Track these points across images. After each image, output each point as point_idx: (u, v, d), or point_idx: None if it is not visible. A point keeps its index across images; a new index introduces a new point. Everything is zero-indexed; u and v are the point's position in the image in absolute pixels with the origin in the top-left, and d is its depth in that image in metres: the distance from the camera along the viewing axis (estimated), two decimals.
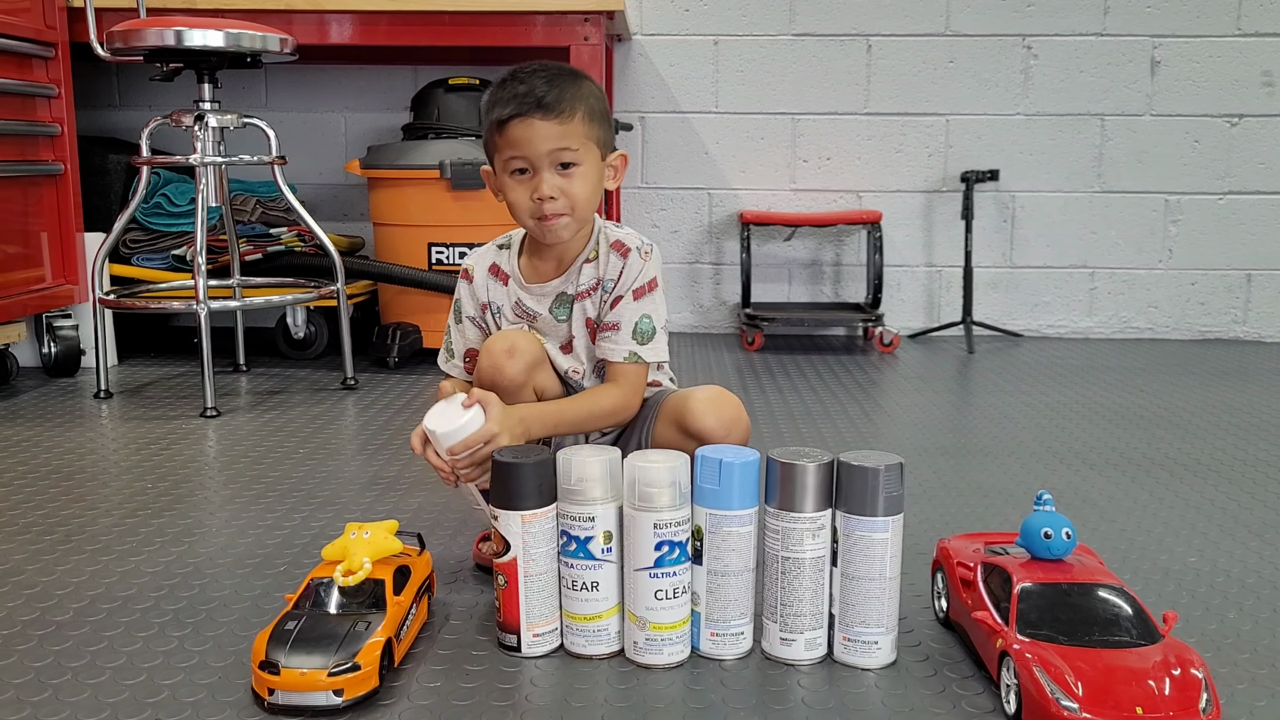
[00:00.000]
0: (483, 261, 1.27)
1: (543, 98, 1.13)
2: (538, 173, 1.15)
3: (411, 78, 2.87)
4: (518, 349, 1.18)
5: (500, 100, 1.15)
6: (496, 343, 1.20)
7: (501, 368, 1.17)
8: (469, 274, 1.27)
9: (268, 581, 1.21)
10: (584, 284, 1.23)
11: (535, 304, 1.24)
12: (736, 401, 1.21)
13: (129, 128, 2.85)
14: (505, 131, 1.15)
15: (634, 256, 1.21)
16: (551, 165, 1.15)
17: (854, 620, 0.99)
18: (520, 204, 1.17)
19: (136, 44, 2.02)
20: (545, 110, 1.14)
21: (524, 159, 1.15)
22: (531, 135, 1.14)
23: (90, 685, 0.97)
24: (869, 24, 2.82)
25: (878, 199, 2.90)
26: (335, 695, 0.90)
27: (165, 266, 2.47)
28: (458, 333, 1.28)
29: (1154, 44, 2.80)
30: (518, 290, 1.25)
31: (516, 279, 1.25)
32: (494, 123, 1.16)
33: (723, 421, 1.18)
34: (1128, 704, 0.83)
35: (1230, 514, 1.45)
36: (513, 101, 1.14)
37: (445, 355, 1.30)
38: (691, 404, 1.20)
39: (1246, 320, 2.93)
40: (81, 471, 1.63)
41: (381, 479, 1.60)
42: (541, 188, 1.15)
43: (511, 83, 1.16)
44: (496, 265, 1.26)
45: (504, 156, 1.16)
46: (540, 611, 1.02)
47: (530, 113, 1.13)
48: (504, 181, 1.18)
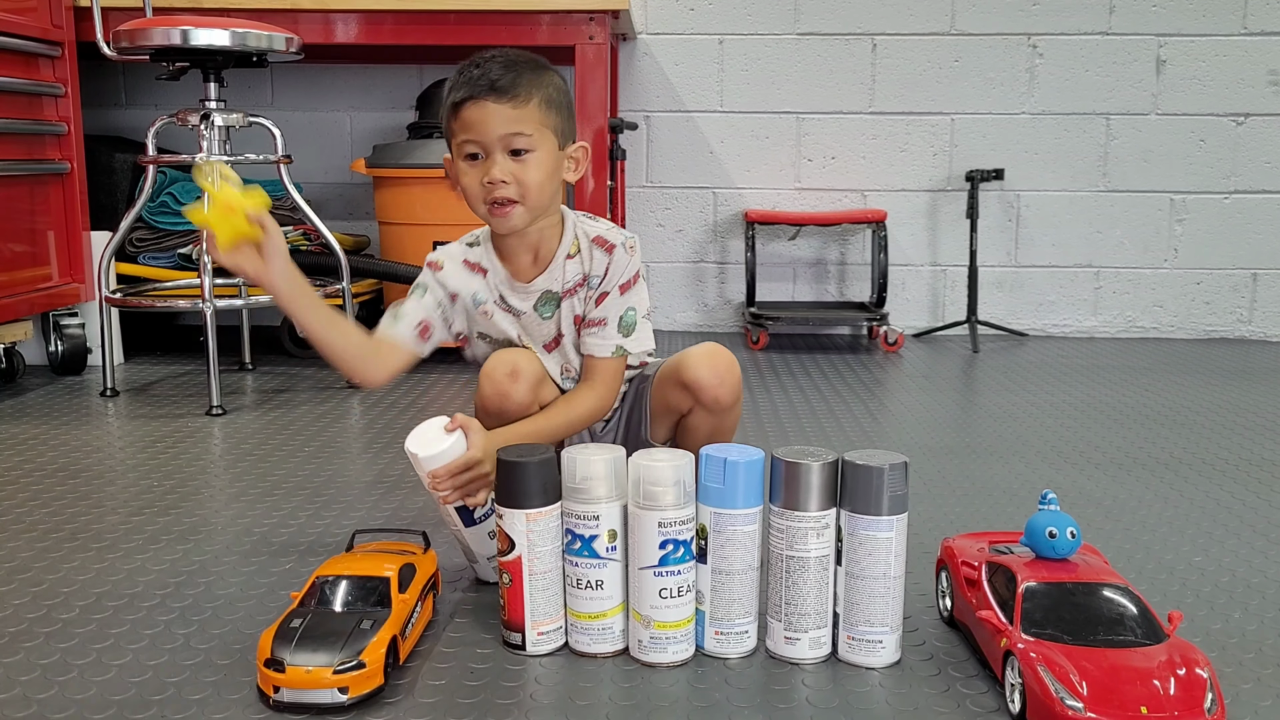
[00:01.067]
0: (453, 256, 1.25)
1: (496, 81, 1.13)
2: (490, 156, 1.14)
3: (417, 77, 2.87)
4: (520, 370, 1.17)
5: (456, 84, 1.15)
6: (497, 367, 1.17)
7: (508, 393, 1.16)
8: (437, 264, 1.25)
9: (273, 579, 1.21)
10: (570, 280, 1.22)
11: (519, 302, 1.23)
12: (730, 355, 1.24)
13: (135, 127, 2.86)
14: (459, 114, 1.14)
15: (619, 252, 1.22)
16: (503, 150, 1.14)
17: (858, 619, 0.99)
18: (472, 189, 1.16)
19: (143, 43, 2.02)
20: (498, 93, 1.13)
21: (476, 143, 1.14)
22: (484, 117, 1.13)
23: (96, 683, 0.97)
24: (874, 23, 2.82)
25: (882, 198, 2.90)
26: (340, 693, 0.91)
27: (171, 265, 2.47)
28: (415, 301, 1.23)
29: (1160, 43, 2.80)
30: (500, 286, 1.23)
31: (499, 275, 1.23)
32: (449, 106, 1.15)
33: (716, 371, 1.21)
34: (1132, 703, 0.83)
35: (1235, 513, 1.45)
36: (467, 85, 1.14)
37: (389, 320, 1.22)
38: (687, 358, 1.24)
39: (1252, 320, 2.92)
40: (88, 469, 1.64)
41: (386, 478, 1.60)
42: (492, 171, 1.14)
43: (469, 67, 1.15)
44: (469, 260, 1.25)
45: (458, 140, 1.15)
46: (545, 610, 1.02)
47: (483, 95, 1.13)
48: (458, 167, 1.17)
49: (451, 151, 1.19)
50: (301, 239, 2.52)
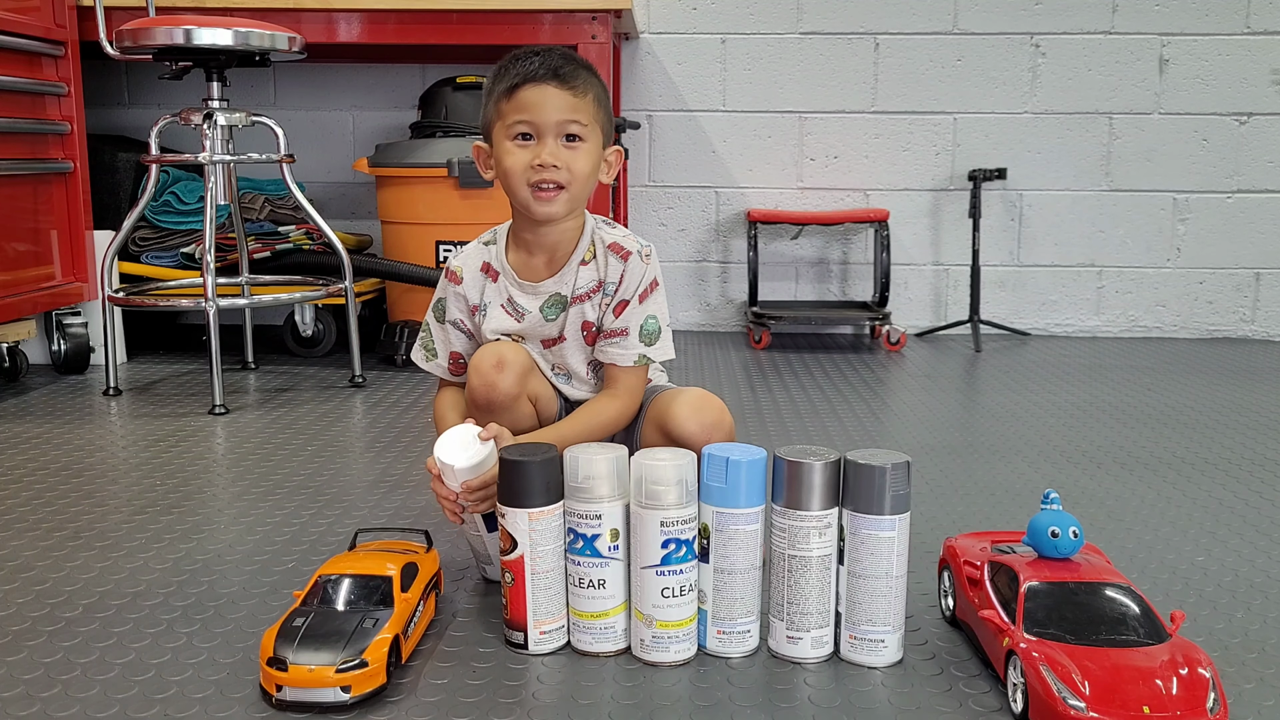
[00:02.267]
0: (472, 261, 1.24)
1: (559, 68, 1.14)
2: (541, 140, 1.14)
3: (419, 76, 2.87)
4: (506, 360, 1.17)
5: (512, 70, 1.15)
6: (484, 359, 1.17)
7: (494, 384, 1.16)
8: (456, 275, 1.24)
9: (275, 578, 1.21)
10: (582, 286, 1.21)
11: (526, 301, 1.22)
12: (719, 404, 1.18)
13: (138, 126, 2.86)
14: (515, 95, 1.14)
15: (635, 260, 1.20)
16: (558, 135, 1.15)
17: (860, 619, 0.99)
18: (517, 170, 1.15)
19: (146, 42, 2.02)
20: (560, 80, 1.14)
21: (531, 124, 1.14)
22: (544, 100, 1.13)
23: (99, 681, 0.97)
24: (876, 22, 2.82)
25: (885, 197, 2.90)
26: (343, 691, 0.91)
27: (174, 264, 2.48)
28: (440, 332, 1.26)
29: (1163, 42, 2.79)
30: (509, 287, 1.23)
31: (508, 275, 1.23)
32: (503, 90, 1.15)
33: (703, 426, 1.16)
34: (1135, 703, 0.83)
35: (1238, 513, 1.44)
36: (527, 68, 1.14)
37: (423, 354, 1.27)
38: (674, 408, 1.17)
39: (1255, 319, 2.92)
40: (91, 468, 1.64)
41: (389, 477, 1.60)
42: (543, 154, 1.14)
43: (525, 56, 1.15)
44: (487, 263, 1.24)
45: (508, 121, 1.15)
46: (547, 609, 1.02)
47: (546, 79, 1.14)
48: (503, 147, 1.16)
49: (491, 136, 1.18)
50: (304, 238, 2.52)
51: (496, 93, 1.16)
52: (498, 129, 1.17)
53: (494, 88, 1.17)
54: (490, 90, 1.18)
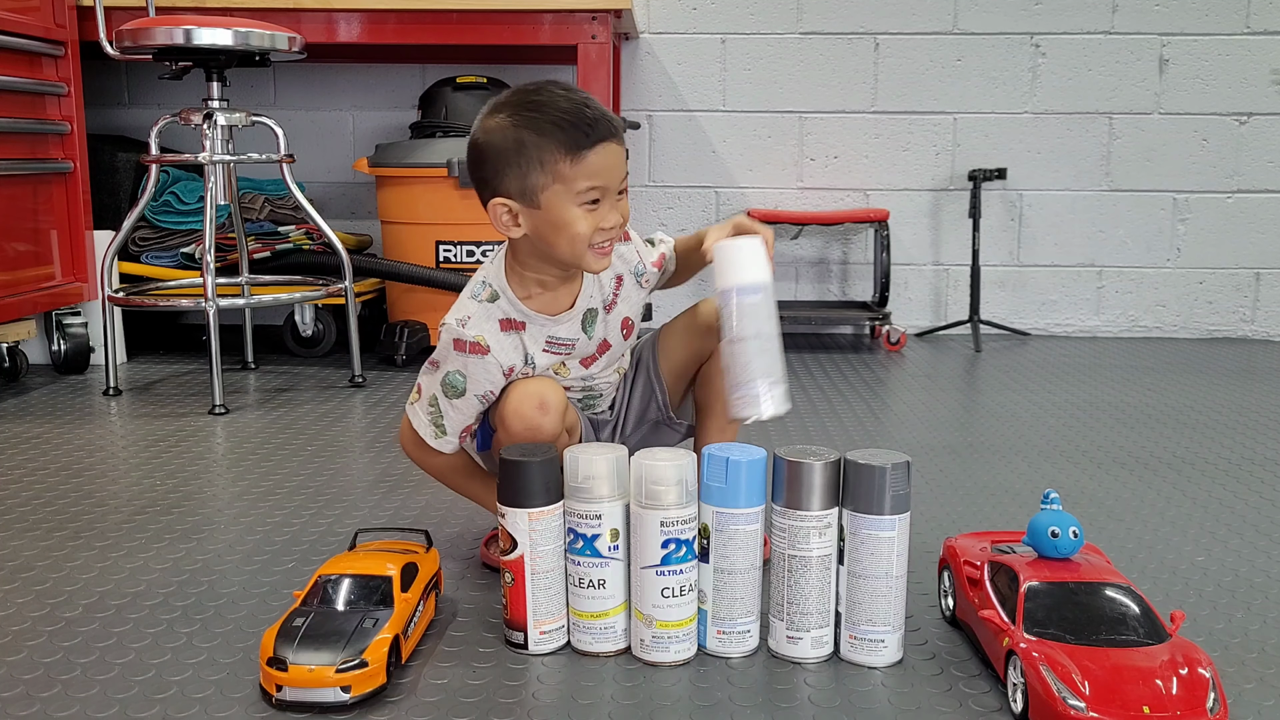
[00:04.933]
0: (489, 325, 1.13)
1: (613, 121, 1.07)
2: (606, 201, 1.09)
3: (419, 76, 2.87)
4: (549, 402, 1.11)
5: (565, 127, 1.06)
6: (524, 402, 1.10)
7: (540, 426, 1.10)
8: (481, 346, 1.12)
9: (275, 578, 1.21)
10: (608, 290, 1.20)
11: (566, 332, 1.18)
12: None
13: (138, 126, 2.86)
14: (585, 159, 1.06)
15: (633, 235, 1.22)
16: (617, 192, 1.10)
17: (860, 619, 0.99)
18: (583, 236, 1.08)
19: (145, 42, 2.02)
20: (617, 136, 1.08)
21: (601, 189, 1.08)
22: (612, 161, 1.07)
23: (99, 681, 0.97)
24: (876, 22, 2.82)
25: (885, 197, 2.90)
26: (343, 691, 0.91)
27: (174, 264, 2.48)
28: (453, 409, 1.15)
29: (1163, 42, 2.79)
30: (544, 330, 1.16)
31: (537, 320, 1.16)
32: (565, 153, 1.06)
33: None
34: (1135, 703, 0.83)
35: (1238, 513, 1.44)
36: (592, 128, 1.06)
37: (433, 431, 1.16)
38: (699, 305, 1.23)
39: (1255, 319, 2.92)
40: (90, 468, 1.64)
41: (389, 476, 1.60)
42: (611, 216, 1.09)
43: (564, 105, 1.07)
44: (507, 319, 1.15)
45: (578, 188, 1.07)
46: (547, 609, 1.02)
47: (610, 138, 1.07)
48: (568, 214, 1.08)
49: (538, 196, 1.08)
50: (304, 238, 2.52)
51: (547, 152, 1.06)
52: (555, 193, 1.07)
53: (533, 145, 1.06)
54: (523, 149, 1.07)
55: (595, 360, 1.22)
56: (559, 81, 1.12)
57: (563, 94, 1.08)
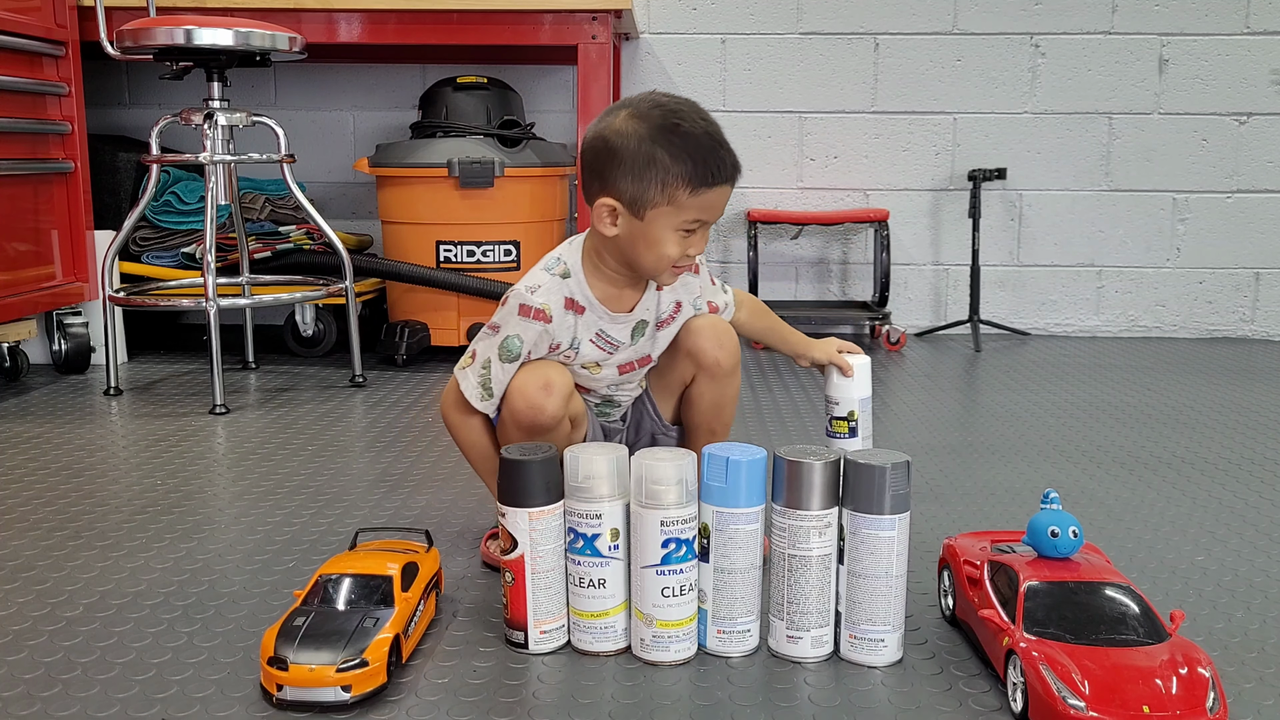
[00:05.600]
0: (555, 297, 1.17)
1: (738, 165, 1.14)
2: (699, 231, 1.15)
3: (420, 76, 2.88)
4: (553, 384, 1.14)
5: (699, 161, 1.10)
6: (529, 382, 1.14)
7: (542, 407, 1.12)
8: (545, 314, 1.15)
9: (276, 577, 1.21)
10: (665, 310, 1.25)
11: (617, 332, 1.22)
12: (727, 324, 1.28)
13: (139, 126, 2.86)
14: (702, 195, 1.11)
15: (703, 271, 1.29)
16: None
17: (860, 618, 1.00)
18: (670, 258, 1.14)
19: (146, 43, 2.02)
20: (735, 180, 1.15)
21: (704, 222, 1.14)
22: (724, 200, 1.14)
23: (100, 681, 0.97)
24: (876, 22, 2.82)
25: (885, 197, 2.90)
26: (343, 691, 0.91)
27: (175, 264, 2.48)
28: (501, 373, 1.16)
29: (1162, 42, 2.80)
30: (599, 321, 1.20)
31: (597, 309, 1.19)
32: (688, 184, 1.10)
33: (716, 336, 1.25)
34: (1134, 703, 0.83)
35: (1238, 513, 1.45)
36: (721, 171, 1.11)
37: (480, 393, 1.17)
38: (687, 327, 1.26)
39: (1254, 319, 2.92)
40: (91, 468, 1.64)
41: (389, 476, 1.60)
42: (698, 245, 1.15)
43: (705, 143, 1.11)
44: (570, 298, 1.18)
45: (685, 216, 1.12)
46: (547, 608, 1.02)
47: (734, 180, 1.14)
48: (664, 235, 1.12)
49: (643, 210, 1.12)
50: (304, 238, 2.52)
51: (674, 177, 1.10)
52: (662, 213, 1.12)
53: (664, 165, 1.10)
54: (653, 164, 1.10)
55: (632, 370, 1.26)
56: (698, 107, 1.15)
57: (702, 123, 1.13)
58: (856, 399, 1.31)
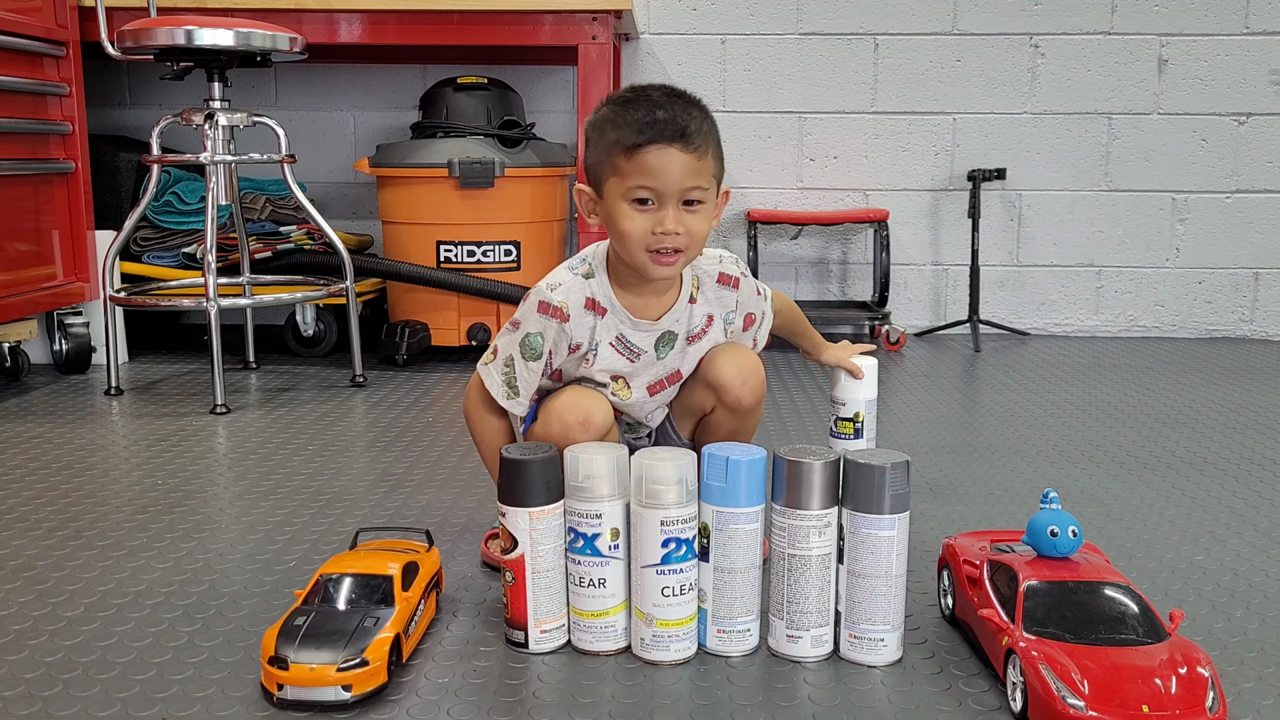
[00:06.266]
0: (575, 296, 1.14)
1: (685, 128, 1.07)
2: (662, 206, 1.08)
3: (420, 76, 2.88)
4: (593, 422, 1.12)
5: (633, 123, 1.07)
6: (570, 413, 1.12)
7: (575, 440, 1.11)
8: (563, 312, 1.13)
9: (277, 577, 1.21)
10: (697, 324, 1.21)
11: (639, 340, 1.18)
12: (755, 358, 1.25)
13: (139, 126, 2.86)
14: (636, 157, 1.07)
15: (745, 284, 1.24)
16: (679, 200, 1.08)
17: (860, 617, 1.00)
18: (635, 235, 1.09)
19: (147, 43, 2.03)
20: (685, 142, 1.07)
21: (652, 190, 1.08)
22: (668, 165, 1.07)
23: (100, 680, 0.97)
24: (876, 23, 2.82)
25: (884, 198, 2.90)
26: (344, 690, 0.91)
27: (175, 264, 2.48)
28: (527, 371, 1.15)
29: (1162, 42, 2.80)
30: (620, 325, 1.17)
31: (619, 312, 1.16)
32: (623, 147, 1.07)
33: (740, 372, 1.21)
34: (1134, 702, 0.83)
35: (1237, 512, 1.45)
36: (651, 127, 1.06)
37: (505, 391, 1.16)
38: (713, 357, 1.23)
39: (1254, 319, 2.92)
40: (92, 468, 1.64)
41: (390, 476, 1.60)
42: (666, 222, 1.08)
43: (645, 105, 1.08)
44: (591, 299, 1.15)
45: (628, 184, 1.08)
46: (548, 608, 1.02)
47: (671, 141, 1.07)
48: (618, 209, 1.09)
49: (601, 188, 1.11)
50: (305, 238, 2.53)
51: (612, 143, 1.08)
52: (612, 185, 1.10)
53: (608, 133, 1.09)
54: (602, 134, 1.10)
55: (663, 389, 1.23)
56: (671, 86, 1.13)
57: (660, 94, 1.11)
58: (863, 400, 1.32)
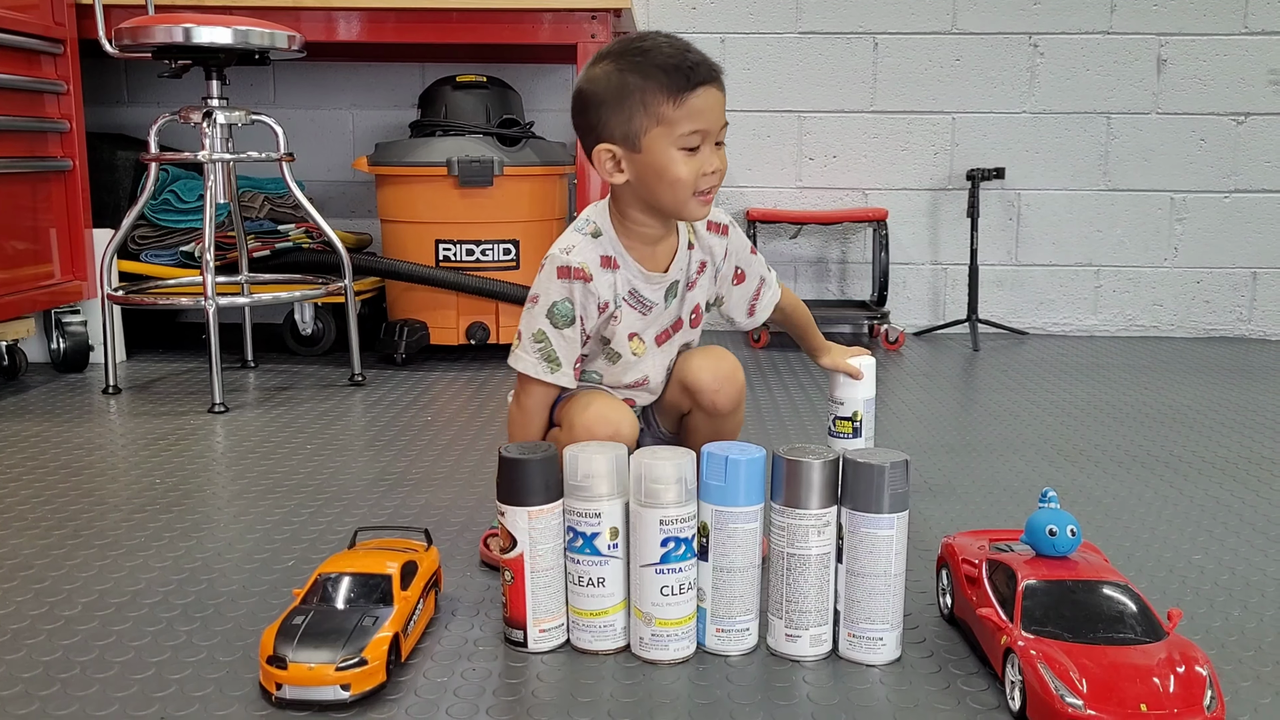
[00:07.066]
0: (591, 255, 1.15)
1: (714, 66, 1.08)
2: (702, 147, 1.10)
3: (419, 75, 2.87)
4: (622, 434, 1.13)
5: (671, 70, 1.07)
6: (598, 424, 1.13)
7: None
8: (585, 272, 1.14)
9: (275, 576, 1.21)
10: (693, 271, 1.22)
11: (650, 293, 1.20)
12: (734, 361, 1.25)
13: (137, 124, 2.86)
14: (687, 101, 1.07)
15: (733, 233, 1.24)
16: (715, 139, 1.11)
17: (859, 617, 1.00)
18: (688, 180, 1.10)
19: (145, 41, 2.02)
20: (718, 80, 1.09)
21: (702, 132, 1.09)
22: (713, 105, 1.08)
23: (98, 680, 0.97)
24: (875, 22, 2.82)
25: (884, 197, 2.90)
26: (343, 690, 0.91)
27: (174, 263, 2.48)
28: (562, 340, 1.15)
29: (1160, 42, 2.80)
30: (633, 280, 1.18)
31: (630, 266, 1.17)
32: (671, 93, 1.07)
33: (716, 377, 1.22)
34: (1132, 701, 0.83)
35: (1235, 511, 1.45)
36: (694, 71, 1.07)
37: (546, 367, 1.15)
38: (690, 359, 1.24)
39: (1252, 318, 2.92)
40: (90, 467, 1.64)
41: (389, 475, 1.60)
42: (714, 160, 1.10)
43: (669, 51, 1.08)
44: (606, 256, 1.16)
45: (681, 130, 1.08)
46: (547, 607, 1.02)
47: (711, 81, 1.08)
48: (668, 156, 1.09)
49: (639, 140, 1.10)
50: (304, 236, 2.52)
51: (657, 95, 1.08)
52: (656, 135, 1.09)
53: (638, 86, 1.08)
54: (628, 90, 1.09)
55: (668, 338, 1.24)
56: (662, 32, 1.13)
57: (665, 40, 1.10)
58: (861, 400, 1.32)
